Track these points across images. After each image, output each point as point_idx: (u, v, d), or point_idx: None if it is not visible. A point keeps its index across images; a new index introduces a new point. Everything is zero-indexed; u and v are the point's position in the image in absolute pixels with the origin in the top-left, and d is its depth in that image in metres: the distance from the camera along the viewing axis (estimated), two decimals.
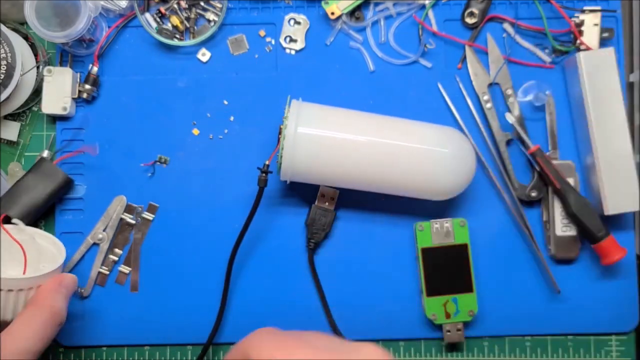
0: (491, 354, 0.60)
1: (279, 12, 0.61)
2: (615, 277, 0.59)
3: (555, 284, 0.58)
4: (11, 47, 0.56)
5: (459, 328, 0.58)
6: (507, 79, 0.60)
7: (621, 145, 0.56)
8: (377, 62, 0.60)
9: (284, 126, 0.53)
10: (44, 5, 0.55)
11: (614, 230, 0.57)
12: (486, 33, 0.60)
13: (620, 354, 0.60)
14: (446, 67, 0.60)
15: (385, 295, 0.59)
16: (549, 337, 0.60)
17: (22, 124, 0.61)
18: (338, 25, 0.60)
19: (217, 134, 0.60)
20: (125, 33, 0.60)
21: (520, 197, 0.59)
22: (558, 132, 0.59)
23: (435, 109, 0.60)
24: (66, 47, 0.59)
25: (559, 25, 0.59)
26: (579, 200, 0.56)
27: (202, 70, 0.60)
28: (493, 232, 0.59)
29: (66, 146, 0.59)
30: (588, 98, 0.56)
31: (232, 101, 0.60)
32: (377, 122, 0.54)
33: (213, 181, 0.59)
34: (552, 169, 0.57)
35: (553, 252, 0.58)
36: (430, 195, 0.55)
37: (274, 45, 0.61)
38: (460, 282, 0.57)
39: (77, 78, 0.59)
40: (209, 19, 0.60)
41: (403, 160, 0.53)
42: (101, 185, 0.59)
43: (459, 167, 0.54)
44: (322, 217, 0.58)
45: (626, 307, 0.59)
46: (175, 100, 0.60)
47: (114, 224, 0.59)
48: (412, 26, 0.60)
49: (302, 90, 0.59)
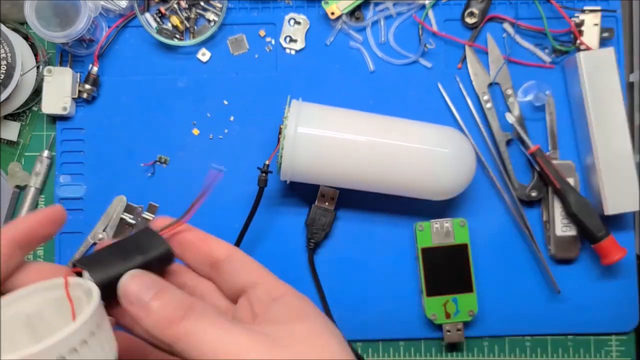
0: (491, 354, 0.60)
1: (279, 12, 0.61)
2: (615, 277, 0.59)
3: (555, 284, 0.58)
4: (11, 47, 0.56)
5: (459, 328, 0.58)
6: (507, 79, 0.60)
7: (621, 145, 0.56)
8: (377, 62, 0.60)
9: (284, 126, 0.52)
10: (44, 5, 0.55)
11: (614, 230, 0.57)
12: (486, 33, 0.60)
13: (620, 354, 0.59)
14: (446, 67, 0.60)
15: (385, 295, 0.59)
16: (549, 337, 0.60)
17: (22, 124, 0.61)
18: (338, 25, 0.60)
19: (217, 134, 0.60)
20: (125, 33, 0.60)
21: (520, 197, 0.59)
22: (558, 132, 0.59)
23: (435, 109, 0.60)
24: (66, 47, 0.59)
25: (559, 25, 0.59)
26: (579, 200, 0.56)
27: (202, 70, 0.60)
28: (493, 232, 0.59)
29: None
30: (588, 98, 0.56)
31: (232, 101, 0.60)
32: (377, 122, 0.54)
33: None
34: (552, 169, 0.57)
35: (553, 252, 0.58)
36: (430, 195, 0.55)
37: (274, 45, 0.61)
38: (460, 282, 0.57)
39: (77, 78, 0.59)
40: (209, 19, 0.60)
41: (403, 160, 0.53)
42: (101, 185, 0.59)
43: (459, 167, 0.54)
44: (322, 217, 0.58)
45: (626, 307, 0.59)
46: (175, 100, 0.60)
47: (114, 224, 0.59)
48: (412, 26, 0.60)
49: (302, 90, 0.59)
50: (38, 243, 0.37)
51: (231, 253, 0.40)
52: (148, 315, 0.34)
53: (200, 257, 0.40)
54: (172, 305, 0.34)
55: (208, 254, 0.40)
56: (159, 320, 0.33)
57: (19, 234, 0.36)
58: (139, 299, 0.34)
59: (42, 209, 0.39)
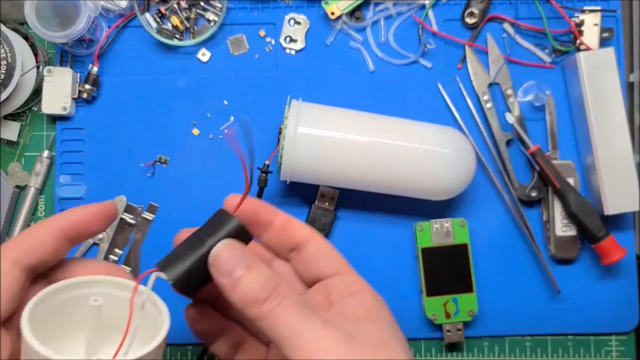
0: (491, 354, 0.60)
1: (279, 12, 0.61)
2: (615, 277, 0.59)
3: (555, 284, 0.58)
4: (11, 47, 0.56)
5: (459, 328, 0.58)
6: (507, 79, 0.60)
7: (621, 145, 0.56)
8: (377, 62, 0.60)
9: (284, 126, 0.52)
10: (44, 5, 0.55)
11: (614, 230, 0.57)
12: (486, 33, 0.60)
13: (620, 354, 0.59)
14: (446, 67, 0.60)
15: (385, 295, 0.58)
16: (549, 337, 0.60)
17: (22, 124, 0.61)
18: (338, 25, 0.60)
19: (217, 134, 0.60)
20: (125, 33, 0.60)
21: (520, 197, 0.59)
22: (558, 132, 0.59)
23: (435, 109, 0.60)
24: (66, 47, 0.59)
25: (559, 25, 0.59)
26: (579, 200, 0.56)
27: (202, 70, 0.60)
28: (493, 232, 0.59)
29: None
30: (588, 98, 0.56)
31: (232, 101, 0.60)
32: (377, 122, 0.54)
33: (213, 181, 0.59)
34: (552, 169, 0.57)
35: (553, 252, 0.58)
36: (430, 195, 0.55)
37: (274, 45, 0.61)
38: (460, 282, 0.57)
39: (77, 78, 0.59)
40: (209, 19, 0.60)
41: (403, 160, 0.53)
42: (101, 185, 0.59)
43: (459, 167, 0.54)
44: (322, 217, 0.58)
45: (626, 307, 0.59)
46: (175, 100, 0.60)
47: (114, 224, 0.59)
48: (412, 26, 0.60)
49: (302, 90, 0.59)
50: (85, 237, 0.37)
51: (312, 238, 0.40)
52: (235, 290, 0.34)
53: (282, 241, 0.40)
54: (258, 283, 0.34)
55: (290, 238, 0.40)
56: (245, 297, 0.34)
57: (69, 225, 0.36)
58: (229, 272, 0.35)
59: (94, 203, 0.37)
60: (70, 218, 0.36)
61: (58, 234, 0.35)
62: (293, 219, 0.40)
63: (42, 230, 0.35)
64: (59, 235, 0.35)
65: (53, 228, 0.35)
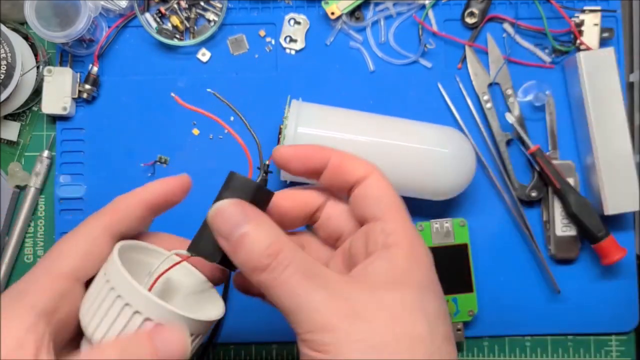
0: (491, 354, 0.60)
1: (279, 12, 0.61)
2: (615, 277, 0.59)
3: (555, 284, 0.58)
4: (11, 47, 0.56)
5: (459, 328, 0.58)
6: (507, 79, 0.60)
7: (621, 145, 0.56)
8: (377, 62, 0.60)
9: (284, 126, 0.53)
10: (44, 5, 0.55)
11: (614, 230, 0.57)
12: (486, 33, 0.60)
13: (620, 354, 0.59)
14: (446, 67, 0.60)
15: None
16: (549, 337, 0.60)
17: (22, 124, 0.61)
18: (338, 25, 0.60)
19: (217, 134, 0.60)
20: (125, 33, 0.60)
21: (520, 197, 0.59)
22: (558, 132, 0.59)
23: (435, 109, 0.60)
24: (66, 47, 0.59)
25: (559, 25, 0.59)
26: (579, 200, 0.56)
27: (202, 70, 0.60)
28: (493, 232, 0.59)
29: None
30: (588, 98, 0.56)
31: (232, 101, 0.60)
32: (377, 122, 0.54)
33: (213, 181, 0.59)
34: (552, 169, 0.57)
35: (553, 252, 0.58)
36: (430, 195, 0.55)
37: (274, 45, 0.61)
38: (460, 282, 0.57)
39: (77, 78, 0.59)
40: (209, 19, 0.60)
41: (403, 161, 0.53)
42: (101, 185, 0.59)
43: (459, 167, 0.54)
44: None
45: (626, 307, 0.59)
46: (175, 100, 0.60)
47: None
48: (412, 26, 0.60)
49: (302, 90, 0.59)
50: (166, 208, 0.39)
51: (367, 176, 0.37)
52: (235, 255, 0.33)
53: (338, 181, 0.37)
54: (258, 249, 0.32)
55: (344, 179, 0.37)
56: (245, 265, 0.33)
57: (153, 197, 0.38)
58: (227, 235, 0.34)
59: (172, 177, 0.39)
60: (154, 190, 0.38)
61: (145, 205, 0.37)
62: (348, 156, 0.37)
63: (130, 201, 0.37)
64: (145, 206, 0.37)
65: (139, 199, 0.37)
